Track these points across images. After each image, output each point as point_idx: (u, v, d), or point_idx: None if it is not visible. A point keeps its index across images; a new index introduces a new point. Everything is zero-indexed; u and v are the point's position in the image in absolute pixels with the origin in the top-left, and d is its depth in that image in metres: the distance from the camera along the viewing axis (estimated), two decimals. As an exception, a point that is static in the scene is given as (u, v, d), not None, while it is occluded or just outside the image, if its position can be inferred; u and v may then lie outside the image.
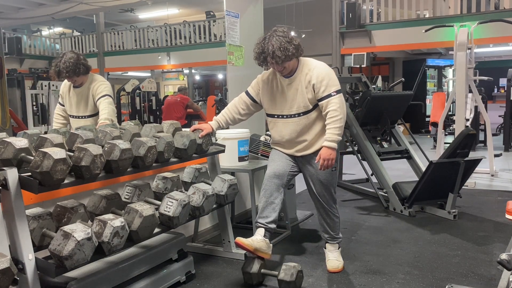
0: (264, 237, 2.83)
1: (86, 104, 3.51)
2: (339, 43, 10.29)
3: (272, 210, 2.87)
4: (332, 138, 2.71)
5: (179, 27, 13.50)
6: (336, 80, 2.76)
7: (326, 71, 2.77)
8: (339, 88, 2.75)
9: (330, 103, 2.70)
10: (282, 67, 2.72)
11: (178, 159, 2.60)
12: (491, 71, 9.66)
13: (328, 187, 2.93)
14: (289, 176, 2.95)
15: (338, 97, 2.71)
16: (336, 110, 2.69)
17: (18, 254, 1.81)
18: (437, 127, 7.00)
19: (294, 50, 2.68)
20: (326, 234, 3.09)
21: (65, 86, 3.59)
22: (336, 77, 2.80)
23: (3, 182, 1.78)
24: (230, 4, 4.02)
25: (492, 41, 8.98)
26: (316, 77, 2.72)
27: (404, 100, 5.12)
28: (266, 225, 2.85)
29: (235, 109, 2.96)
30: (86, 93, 3.50)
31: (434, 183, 4.13)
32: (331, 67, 6.02)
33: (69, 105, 3.57)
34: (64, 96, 3.59)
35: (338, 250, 3.11)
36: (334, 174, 2.92)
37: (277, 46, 2.61)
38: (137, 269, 2.52)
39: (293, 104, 2.81)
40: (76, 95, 3.52)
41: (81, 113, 3.54)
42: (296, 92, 2.79)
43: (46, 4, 9.43)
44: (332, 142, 2.71)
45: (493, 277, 2.86)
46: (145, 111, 9.70)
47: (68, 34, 16.73)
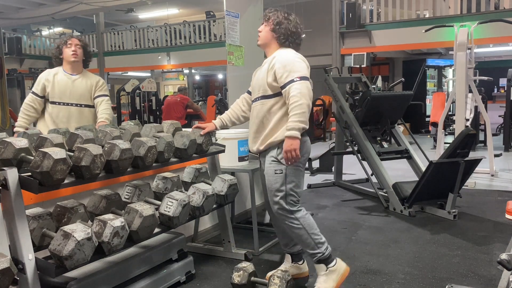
0: (293, 262, 2.85)
1: (82, 91, 3.43)
2: (339, 43, 10.30)
3: (282, 234, 2.80)
4: (292, 126, 2.41)
5: (179, 27, 13.50)
6: (302, 67, 2.51)
7: (292, 57, 2.55)
8: (303, 75, 2.48)
9: (291, 89, 2.43)
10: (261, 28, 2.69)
11: (178, 159, 2.60)
12: (491, 71, 9.67)
13: (271, 191, 2.57)
14: None
15: (300, 83, 2.43)
16: (296, 96, 2.41)
17: (18, 254, 1.81)
18: (437, 127, 7.00)
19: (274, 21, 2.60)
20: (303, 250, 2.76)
21: (49, 74, 3.44)
22: (306, 66, 2.55)
23: (3, 182, 1.78)
24: (230, 4, 4.02)
25: (492, 41, 8.98)
26: (280, 62, 2.52)
27: (404, 100, 5.13)
28: (288, 250, 2.85)
29: (237, 106, 2.92)
30: (86, 83, 3.45)
31: (434, 183, 4.13)
32: (331, 67, 6.02)
33: (61, 91, 3.40)
34: (49, 85, 3.39)
35: (326, 272, 2.58)
36: (277, 177, 2.54)
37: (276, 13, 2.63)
38: (137, 269, 2.52)
39: (258, 86, 2.65)
40: (68, 79, 3.41)
41: (75, 101, 3.43)
42: (261, 73, 2.64)
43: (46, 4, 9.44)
44: (292, 130, 2.41)
45: (493, 277, 2.86)
46: (145, 111, 9.70)
47: (68, 34, 16.71)
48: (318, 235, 2.58)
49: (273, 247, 3.54)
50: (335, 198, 5.12)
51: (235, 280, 2.61)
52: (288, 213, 2.55)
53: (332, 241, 3.64)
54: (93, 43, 14.87)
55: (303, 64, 2.54)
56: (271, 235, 3.75)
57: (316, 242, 2.56)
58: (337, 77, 5.46)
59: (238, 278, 2.60)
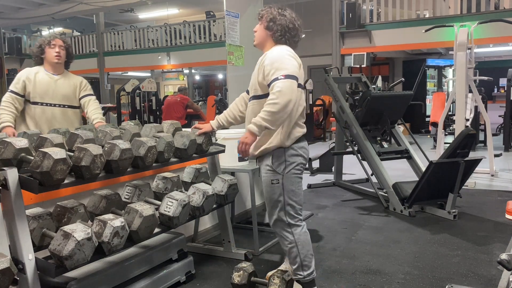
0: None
1: (66, 91, 3.34)
2: (339, 43, 10.30)
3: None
4: (255, 121, 2.27)
5: (179, 27, 13.50)
6: (291, 65, 2.32)
7: (283, 53, 2.37)
8: (290, 73, 2.28)
9: (273, 87, 2.26)
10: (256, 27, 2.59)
11: (178, 159, 2.59)
12: (491, 71, 9.67)
13: (269, 202, 2.47)
14: None
15: (283, 81, 2.24)
16: (274, 94, 2.24)
17: (18, 254, 1.80)
18: (437, 127, 7.00)
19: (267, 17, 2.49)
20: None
21: (29, 73, 3.29)
22: (296, 63, 2.36)
23: (3, 182, 1.78)
24: (230, 4, 4.02)
25: (492, 41, 8.98)
26: (269, 58, 2.36)
27: (404, 100, 5.13)
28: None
29: (235, 106, 2.83)
30: (70, 83, 3.37)
31: (434, 183, 4.13)
32: (331, 67, 6.01)
33: (43, 91, 3.27)
34: (29, 84, 3.26)
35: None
36: (274, 188, 2.41)
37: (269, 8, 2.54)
38: (137, 269, 2.52)
39: (251, 85, 2.54)
40: (50, 79, 3.30)
41: (58, 101, 3.32)
42: (254, 72, 2.53)
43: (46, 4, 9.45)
44: (254, 125, 2.28)
45: (493, 277, 2.86)
46: (145, 111, 9.69)
47: (68, 34, 16.74)
48: (307, 259, 2.46)
49: (273, 247, 3.54)
50: (335, 198, 5.12)
51: (235, 280, 2.61)
52: (285, 226, 2.45)
53: (332, 241, 3.64)
54: (93, 43, 14.88)
55: (293, 61, 2.35)
56: (271, 235, 3.75)
57: (303, 264, 2.45)
58: (337, 77, 5.46)
59: (238, 278, 2.60)
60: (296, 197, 2.46)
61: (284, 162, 2.41)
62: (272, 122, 2.26)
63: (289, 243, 2.45)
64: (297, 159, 2.43)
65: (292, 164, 2.42)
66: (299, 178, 2.47)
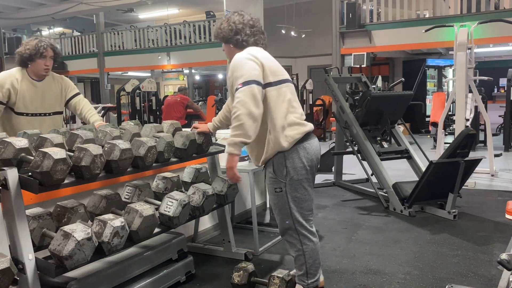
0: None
1: (54, 99, 3.18)
2: (339, 43, 10.30)
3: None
4: (229, 142, 2.17)
5: (179, 27, 13.51)
6: (247, 69, 2.18)
7: (237, 61, 2.24)
8: (246, 79, 2.15)
9: (235, 99, 2.16)
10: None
11: (178, 159, 2.59)
12: (491, 71, 9.67)
13: (274, 208, 2.39)
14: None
15: (241, 90, 2.13)
16: (235, 107, 2.13)
17: (18, 254, 1.81)
18: (437, 127, 7.00)
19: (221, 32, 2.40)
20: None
21: (13, 80, 3.01)
22: (254, 64, 2.21)
23: (3, 182, 1.78)
24: (230, 4, 4.03)
25: (492, 41, 8.98)
26: (230, 69, 2.27)
27: (404, 100, 5.13)
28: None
29: (227, 107, 2.74)
30: (55, 89, 3.18)
31: (434, 183, 4.13)
32: (331, 67, 6.01)
33: (29, 102, 3.05)
34: (14, 93, 3.00)
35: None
36: (278, 196, 2.32)
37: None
38: (137, 269, 2.52)
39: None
40: (37, 88, 3.09)
41: (47, 110, 3.15)
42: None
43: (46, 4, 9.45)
44: (229, 146, 2.17)
45: (493, 277, 2.86)
46: (145, 111, 9.69)
47: (68, 34, 16.75)
48: (314, 268, 2.39)
49: (273, 247, 3.54)
50: (335, 198, 5.12)
51: (235, 280, 2.61)
52: (293, 233, 2.36)
53: (332, 241, 3.64)
54: (93, 43, 14.88)
55: (250, 64, 2.20)
56: (271, 235, 3.75)
57: (308, 273, 2.39)
58: (337, 77, 5.46)
59: (238, 278, 2.60)
60: (303, 203, 2.34)
61: (285, 168, 2.28)
62: (244, 134, 2.13)
63: (296, 251, 2.39)
64: (299, 163, 2.28)
65: (295, 169, 2.28)
66: (304, 183, 2.32)
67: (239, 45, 2.39)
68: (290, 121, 2.29)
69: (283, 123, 2.27)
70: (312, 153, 2.34)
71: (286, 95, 2.32)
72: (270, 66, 2.29)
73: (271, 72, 2.28)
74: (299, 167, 2.29)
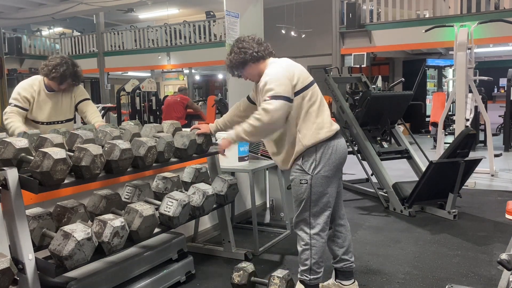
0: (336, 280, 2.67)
1: (66, 108, 3.31)
2: (339, 43, 10.30)
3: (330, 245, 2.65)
4: (237, 132, 2.36)
5: (179, 27, 13.50)
6: (277, 84, 2.27)
7: (270, 73, 2.33)
8: (275, 93, 2.24)
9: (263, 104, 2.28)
10: (238, 76, 2.58)
11: (178, 159, 2.59)
12: (491, 71, 9.67)
13: (294, 199, 2.45)
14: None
15: (268, 102, 2.24)
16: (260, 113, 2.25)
17: (18, 254, 1.81)
18: (437, 127, 7.00)
19: (235, 59, 2.44)
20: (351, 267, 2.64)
21: (33, 91, 3.18)
22: (284, 80, 2.30)
23: (3, 182, 1.78)
24: (230, 4, 4.03)
25: (492, 41, 8.99)
26: (262, 81, 2.35)
27: (404, 100, 5.13)
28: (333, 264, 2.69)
29: (233, 112, 2.79)
30: (67, 96, 3.29)
31: (434, 183, 4.13)
32: (331, 67, 6.00)
33: (45, 111, 3.23)
34: (33, 102, 3.19)
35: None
36: (302, 187, 2.38)
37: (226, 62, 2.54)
38: (137, 269, 2.52)
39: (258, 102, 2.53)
40: (51, 100, 3.24)
41: (60, 118, 3.31)
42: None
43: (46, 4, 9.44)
44: (234, 134, 2.38)
45: (493, 277, 2.86)
46: (145, 111, 9.68)
47: (68, 34, 16.74)
48: (317, 265, 2.42)
49: (273, 247, 3.54)
50: (335, 198, 5.11)
51: (235, 280, 2.61)
52: (305, 226, 2.41)
53: (332, 241, 3.64)
54: (93, 43, 14.88)
55: (282, 79, 2.29)
56: (271, 235, 3.75)
57: (311, 269, 2.42)
58: (337, 77, 5.46)
59: (238, 278, 2.60)
60: (324, 199, 2.38)
61: (314, 161, 2.35)
62: (252, 134, 2.31)
63: (304, 244, 2.41)
64: (328, 159, 2.36)
65: (323, 165, 2.35)
66: (329, 179, 2.38)
67: (257, 59, 2.45)
68: (320, 120, 2.39)
69: (314, 122, 2.37)
70: (340, 151, 2.42)
71: (318, 96, 2.44)
72: (301, 74, 2.39)
73: (303, 79, 2.38)
74: (327, 163, 2.36)
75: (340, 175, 2.51)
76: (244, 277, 2.60)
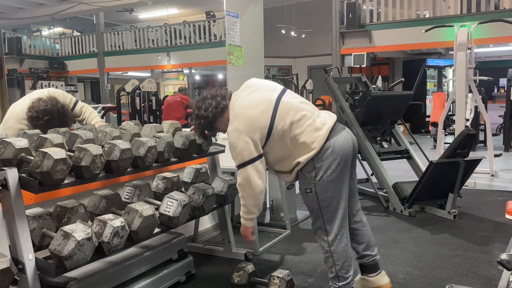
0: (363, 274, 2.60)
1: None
2: (339, 43, 10.30)
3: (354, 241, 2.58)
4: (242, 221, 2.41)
5: (179, 27, 13.51)
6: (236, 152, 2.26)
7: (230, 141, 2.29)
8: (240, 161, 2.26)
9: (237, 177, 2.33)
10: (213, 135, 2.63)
11: (178, 159, 2.59)
12: (491, 71, 9.67)
13: (308, 208, 2.41)
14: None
15: (238, 174, 2.29)
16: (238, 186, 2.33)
17: (18, 254, 1.80)
18: (437, 127, 7.00)
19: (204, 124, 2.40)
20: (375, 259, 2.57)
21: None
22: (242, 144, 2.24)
23: (3, 182, 1.78)
24: (230, 4, 4.03)
25: (492, 41, 8.99)
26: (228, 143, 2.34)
27: (404, 100, 5.12)
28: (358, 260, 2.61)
29: None
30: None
31: (434, 183, 4.13)
32: (331, 67, 5.98)
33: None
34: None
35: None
36: (309, 197, 2.32)
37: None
38: (137, 269, 2.52)
39: None
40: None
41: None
42: None
43: (46, 4, 9.45)
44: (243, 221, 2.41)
45: (493, 277, 2.86)
46: (145, 111, 9.69)
47: (68, 34, 16.76)
48: (343, 270, 2.34)
49: (273, 247, 3.54)
50: (335, 198, 5.11)
51: (235, 280, 2.61)
52: (322, 234, 2.35)
53: (332, 241, 3.64)
54: (93, 43, 14.88)
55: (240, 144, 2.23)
56: (271, 235, 3.75)
57: (339, 275, 2.35)
58: (337, 77, 5.46)
59: (238, 278, 2.60)
60: (334, 202, 2.29)
61: (314, 170, 2.26)
62: (249, 212, 2.35)
63: (325, 252, 2.36)
64: (327, 163, 2.25)
65: (323, 170, 2.25)
66: (334, 182, 2.28)
67: (222, 112, 2.36)
68: (307, 137, 2.26)
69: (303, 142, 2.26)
70: (339, 149, 2.27)
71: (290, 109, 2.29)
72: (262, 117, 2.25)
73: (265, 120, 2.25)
74: (327, 167, 2.25)
75: (348, 172, 2.35)
76: (244, 277, 2.60)
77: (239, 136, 2.25)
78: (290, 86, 11.73)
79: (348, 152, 2.32)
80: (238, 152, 2.26)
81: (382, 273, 2.58)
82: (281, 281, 2.48)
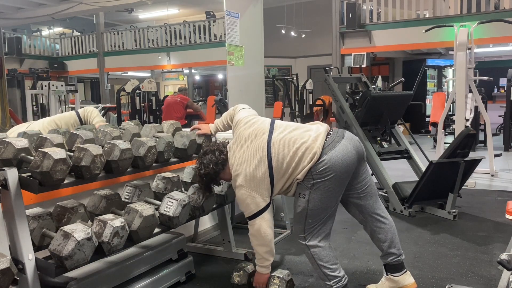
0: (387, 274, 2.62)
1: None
2: (339, 43, 10.30)
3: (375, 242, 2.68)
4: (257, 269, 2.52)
5: (179, 27, 13.51)
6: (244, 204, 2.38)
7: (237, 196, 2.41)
8: (249, 213, 2.37)
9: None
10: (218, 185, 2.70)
11: (178, 159, 2.59)
12: (491, 71, 9.67)
13: (294, 213, 2.42)
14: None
15: (250, 225, 2.40)
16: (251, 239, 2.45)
17: (18, 254, 1.81)
18: (437, 127, 7.00)
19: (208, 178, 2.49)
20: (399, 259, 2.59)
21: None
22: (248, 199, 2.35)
23: (3, 182, 1.78)
24: (230, 4, 4.03)
25: (492, 41, 8.99)
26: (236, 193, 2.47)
27: (404, 100, 5.12)
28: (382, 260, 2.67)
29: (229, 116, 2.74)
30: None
31: (434, 183, 4.13)
32: (331, 67, 5.98)
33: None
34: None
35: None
36: (299, 201, 2.33)
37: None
38: (137, 269, 2.52)
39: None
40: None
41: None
42: None
43: (46, 4, 9.44)
44: (259, 268, 2.51)
45: (493, 277, 2.86)
46: (145, 111, 9.69)
47: (68, 34, 16.75)
48: (327, 269, 2.36)
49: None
50: (335, 198, 5.11)
51: (235, 280, 2.61)
52: (302, 239, 2.38)
53: (332, 241, 3.61)
54: (93, 43, 14.88)
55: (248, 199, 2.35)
56: (271, 235, 3.75)
57: (326, 274, 2.36)
58: (337, 77, 5.46)
59: (238, 278, 2.60)
60: (321, 213, 2.32)
61: (311, 178, 2.27)
62: (263, 257, 2.45)
63: (309, 258, 2.41)
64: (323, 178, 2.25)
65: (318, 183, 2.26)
66: (331, 192, 2.29)
67: (223, 166, 2.45)
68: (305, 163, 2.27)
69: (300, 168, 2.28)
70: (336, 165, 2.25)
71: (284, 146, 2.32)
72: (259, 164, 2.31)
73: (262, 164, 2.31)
74: (327, 180, 2.26)
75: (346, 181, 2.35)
76: (244, 277, 2.60)
77: (244, 191, 2.37)
78: (290, 86, 11.74)
79: (349, 163, 2.29)
80: (246, 206, 2.38)
81: (408, 273, 2.59)
82: (281, 281, 2.48)
